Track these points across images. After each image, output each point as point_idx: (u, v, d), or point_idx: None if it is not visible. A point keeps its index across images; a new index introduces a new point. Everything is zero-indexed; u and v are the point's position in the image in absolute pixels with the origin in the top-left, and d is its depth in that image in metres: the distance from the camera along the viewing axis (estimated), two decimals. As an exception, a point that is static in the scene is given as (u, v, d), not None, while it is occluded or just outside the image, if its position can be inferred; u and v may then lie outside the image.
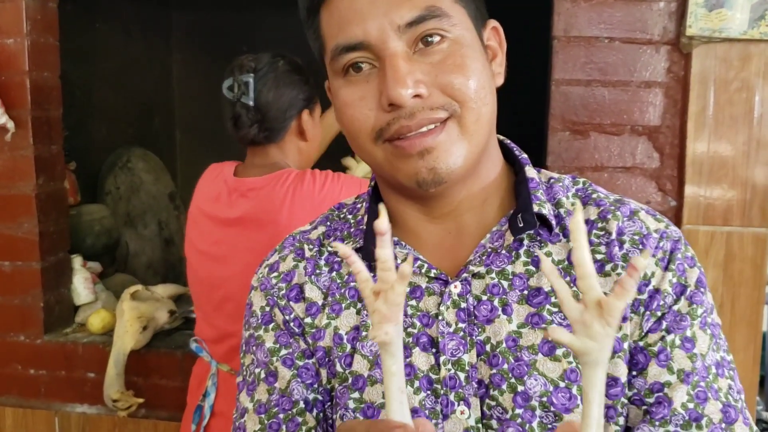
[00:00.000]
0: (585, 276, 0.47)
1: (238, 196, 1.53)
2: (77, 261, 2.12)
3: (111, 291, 2.23)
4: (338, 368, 0.72)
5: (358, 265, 0.51)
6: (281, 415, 0.72)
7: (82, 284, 2.11)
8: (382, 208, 0.50)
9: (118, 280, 2.39)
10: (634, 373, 0.68)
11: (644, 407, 0.67)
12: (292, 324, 0.75)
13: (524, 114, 1.97)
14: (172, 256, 3.02)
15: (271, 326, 0.76)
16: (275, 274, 0.78)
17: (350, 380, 0.71)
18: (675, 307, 0.68)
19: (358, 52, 0.66)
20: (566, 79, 1.67)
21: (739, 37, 1.50)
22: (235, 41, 3.06)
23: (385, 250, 0.49)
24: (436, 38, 0.66)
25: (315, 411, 0.73)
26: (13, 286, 1.99)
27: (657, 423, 0.65)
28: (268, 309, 0.77)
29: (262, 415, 0.73)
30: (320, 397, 0.73)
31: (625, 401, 0.67)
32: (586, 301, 0.48)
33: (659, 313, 0.68)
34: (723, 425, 0.65)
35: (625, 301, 0.47)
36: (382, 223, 0.49)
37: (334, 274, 0.75)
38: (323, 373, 0.73)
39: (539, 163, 1.73)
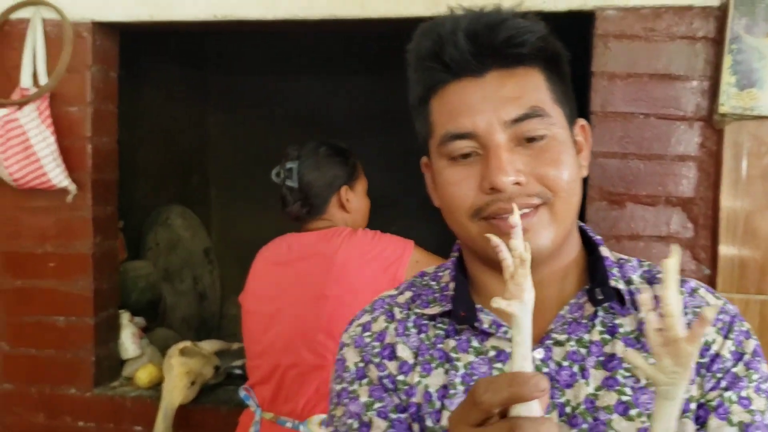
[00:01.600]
0: (670, 314, 0.55)
1: (297, 245, 1.74)
2: (125, 316, 2.20)
3: (154, 345, 2.30)
4: (428, 423, 0.79)
5: (506, 254, 0.60)
6: None
7: (129, 339, 2.19)
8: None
9: (160, 334, 2.47)
10: (697, 427, 0.75)
11: None
12: (386, 380, 0.81)
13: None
14: (206, 311, 3.09)
15: (365, 381, 0.82)
16: (368, 333, 0.85)
17: None
18: (733, 370, 0.75)
19: (466, 141, 0.75)
20: (603, 151, 1.77)
21: (769, 115, 1.60)
22: (268, 103, 3.20)
23: (516, 240, 0.60)
24: (537, 137, 0.75)
25: None
26: (67, 341, 2.07)
27: None
28: (362, 365, 0.83)
29: None
30: None
31: None
32: (667, 337, 0.56)
33: (719, 375, 0.75)
34: None
35: (694, 347, 0.55)
36: (516, 217, 0.61)
37: (422, 335, 0.82)
38: (416, 427, 0.80)
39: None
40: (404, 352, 0.82)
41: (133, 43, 2.23)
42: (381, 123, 3.02)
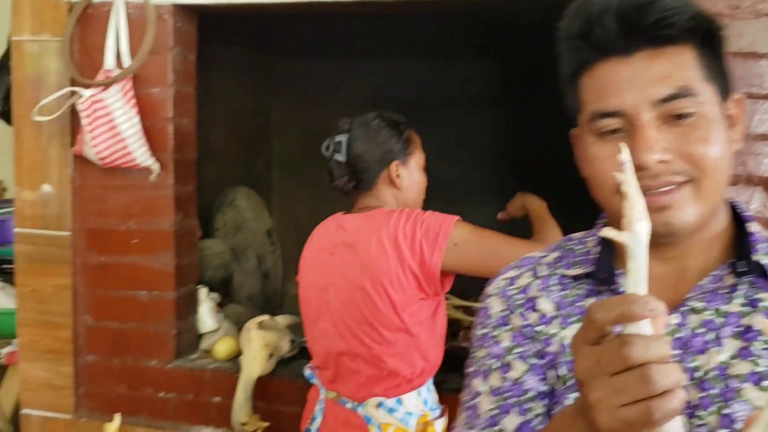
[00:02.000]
0: None
1: (342, 229, 1.72)
2: (203, 292, 2.27)
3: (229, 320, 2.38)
4: (562, 371, 0.84)
5: (628, 187, 0.65)
6: (512, 400, 0.85)
7: (207, 313, 2.26)
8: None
9: (232, 310, 2.54)
10: None
11: None
12: (526, 329, 0.88)
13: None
14: (269, 289, 3.16)
15: (507, 328, 0.89)
16: (513, 286, 0.92)
17: (572, 382, 0.83)
18: None
19: (613, 119, 0.78)
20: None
21: None
22: (330, 86, 3.24)
23: (626, 175, 0.65)
24: (685, 114, 0.77)
25: (543, 402, 0.85)
26: (149, 314, 2.15)
27: None
28: (506, 313, 0.90)
29: (496, 397, 0.86)
30: (547, 391, 0.86)
31: None
32: None
33: None
34: None
35: None
36: (624, 154, 0.66)
37: (564, 293, 0.88)
38: (551, 374, 0.85)
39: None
40: (545, 306, 0.88)
41: (201, 27, 2.28)
42: (442, 107, 3.04)
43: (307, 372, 1.79)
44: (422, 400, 1.68)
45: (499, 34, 2.83)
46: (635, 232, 0.63)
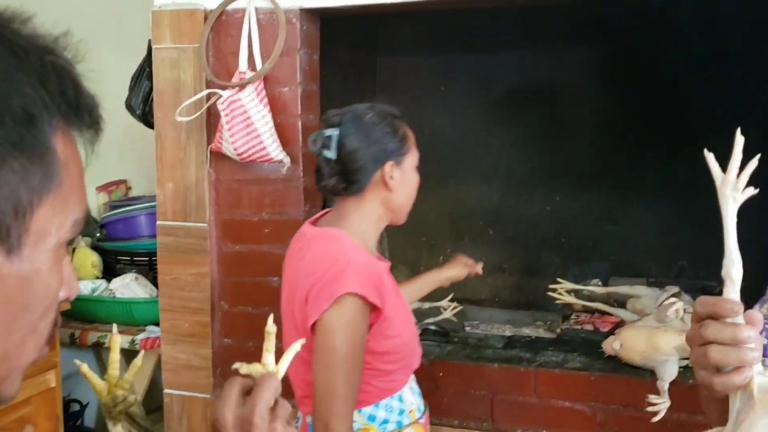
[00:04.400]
0: None
1: (301, 241, 1.66)
2: (328, 278, 2.41)
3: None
4: None
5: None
6: None
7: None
8: None
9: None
10: None
11: None
12: None
13: None
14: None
15: None
16: None
17: None
18: None
19: None
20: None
21: None
22: (432, 82, 3.34)
23: None
24: None
25: None
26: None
27: None
28: None
29: None
30: None
31: None
32: None
33: None
34: None
35: None
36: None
37: None
38: None
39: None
40: None
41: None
42: (548, 95, 3.10)
43: None
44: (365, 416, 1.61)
45: (597, 25, 2.87)
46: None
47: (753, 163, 0.77)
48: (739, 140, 0.78)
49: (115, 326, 1.10)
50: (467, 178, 3.31)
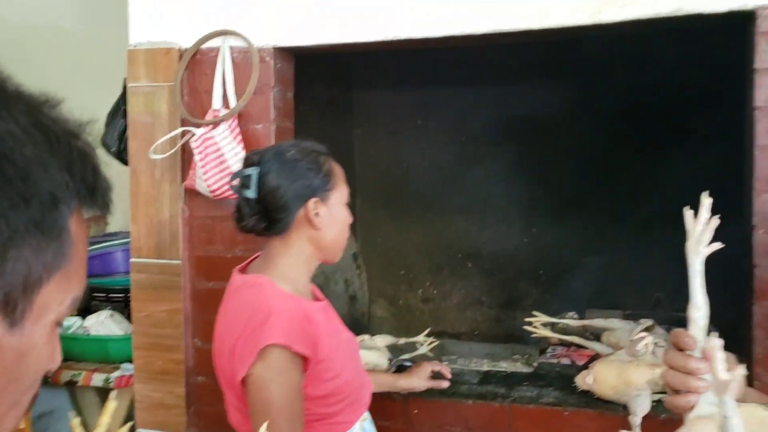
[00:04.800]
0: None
1: (230, 287, 1.67)
2: (303, 314, 2.41)
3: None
4: None
5: None
6: None
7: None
8: None
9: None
10: None
11: None
12: None
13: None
14: (356, 311, 3.29)
15: None
16: None
17: None
18: None
19: None
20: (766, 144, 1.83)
21: None
22: (410, 116, 3.37)
23: None
24: None
25: None
26: (256, 336, 2.29)
27: None
28: None
29: None
30: None
31: None
32: None
33: None
34: None
35: None
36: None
37: None
38: None
39: (741, 221, 1.87)
40: None
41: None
42: (523, 129, 3.14)
43: None
44: None
45: (571, 61, 2.92)
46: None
47: (715, 221, 0.87)
48: (706, 202, 0.87)
49: (113, 393, 1.07)
50: (445, 211, 3.32)
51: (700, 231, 0.86)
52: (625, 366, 1.90)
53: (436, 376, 2.17)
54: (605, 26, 1.94)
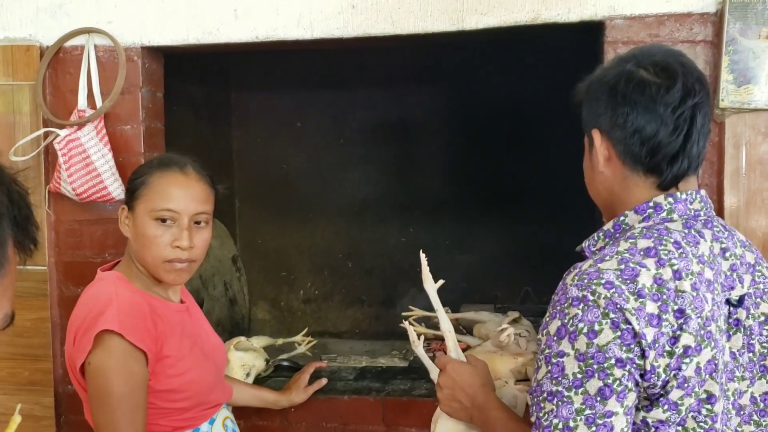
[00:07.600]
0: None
1: None
2: (178, 318, 2.37)
3: (202, 345, 2.47)
4: None
5: None
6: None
7: (183, 339, 2.36)
8: None
9: (204, 336, 2.64)
10: None
11: None
12: None
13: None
14: (236, 315, 3.26)
15: None
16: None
17: None
18: None
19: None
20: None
21: (765, 107, 1.80)
22: (288, 118, 3.38)
23: None
24: None
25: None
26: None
27: None
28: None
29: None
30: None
31: None
32: None
33: None
34: None
35: None
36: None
37: None
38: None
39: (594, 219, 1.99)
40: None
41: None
42: (399, 132, 3.22)
43: None
44: None
45: (446, 64, 3.02)
46: None
47: (425, 262, 1.42)
48: (423, 260, 1.40)
49: (19, 406, 1.02)
50: (324, 212, 3.36)
51: (428, 272, 1.43)
52: (491, 356, 1.99)
53: (319, 374, 2.21)
54: (467, 33, 2.02)
